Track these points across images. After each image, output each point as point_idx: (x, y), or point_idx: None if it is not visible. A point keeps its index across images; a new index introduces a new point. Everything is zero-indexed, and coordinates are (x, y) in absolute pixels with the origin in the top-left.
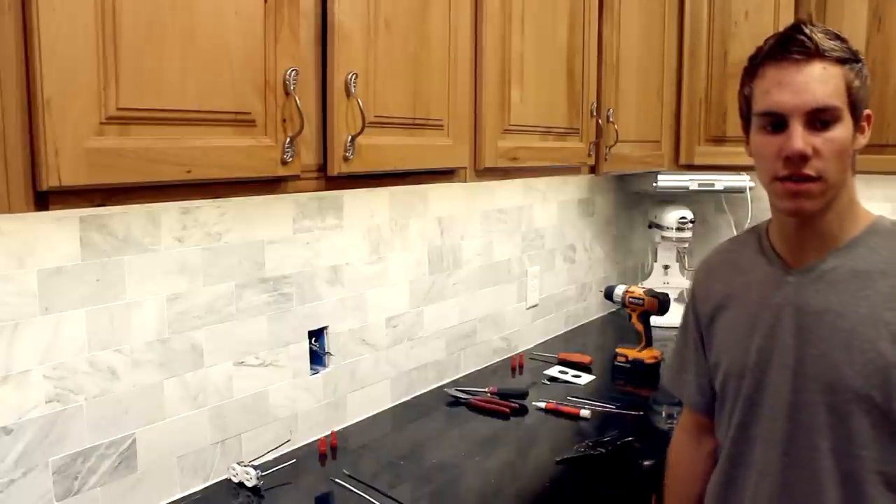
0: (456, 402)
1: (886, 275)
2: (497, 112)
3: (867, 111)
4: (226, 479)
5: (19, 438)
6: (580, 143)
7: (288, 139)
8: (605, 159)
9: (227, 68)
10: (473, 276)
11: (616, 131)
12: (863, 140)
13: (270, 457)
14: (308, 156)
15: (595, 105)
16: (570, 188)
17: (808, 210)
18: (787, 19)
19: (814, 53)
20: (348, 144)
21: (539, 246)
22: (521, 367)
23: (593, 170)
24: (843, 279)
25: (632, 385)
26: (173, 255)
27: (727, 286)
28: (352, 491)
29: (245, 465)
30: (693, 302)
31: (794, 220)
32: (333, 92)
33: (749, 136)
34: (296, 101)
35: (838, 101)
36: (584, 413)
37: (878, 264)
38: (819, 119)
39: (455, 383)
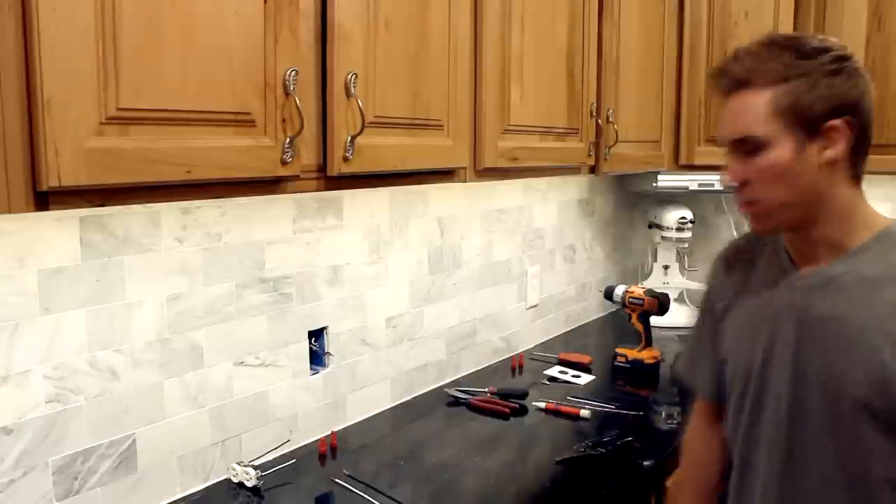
0: (456, 402)
1: (894, 282)
2: (497, 112)
3: (832, 122)
4: (226, 479)
5: (19, 438)
6: (580, 143)
7: (288, 139)
8: (605, 159)
9: (226, 68)
10: (473, 276)
11: (616, 131)
12: (831, 152)
13: (270, 457)
14: (308, 156)
15: (595, 105)
16: (570, 188)
17: (762, 229)
18: (787, 19)
19: (737, 86)
20: (348, 145)
21: (539, 246)
22: (521, 367)
23: (593, 170)
24: (850, 286)
25: (631, 385)
26: (173, 255)
27: (741, 283)
28: (352, 491)
29: (245, 465)
30: (709, 294)
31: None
32: (333, 92)
33: None
34: (295, 102)
35: (761, 128)
36: (584, 413)
37: (886, 271)
38: (746, 147)
39: (455, 383)
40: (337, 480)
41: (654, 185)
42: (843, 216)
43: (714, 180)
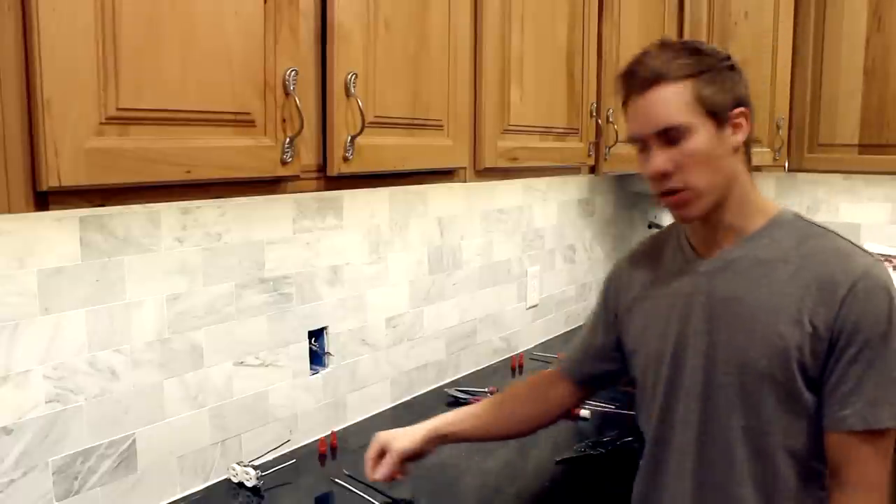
0: (456, 402)
1: (786, 262)
2: (497, 112)
3: (738, 109)
4: (226, 479)
5: (19, 438)
6: (580, 143)
7: (288, 139)
8: (605, 159)
9: (226, 69)
10: (473, 276)
11: (616, 131)
12: (740, 136)
13: (270, 457)
14: (308, 156)
15: (595, 105)
16: (570, 188)
17: (692, 216)
18: (787, 19)
19: (653, 81)
20: (348, 145)
21: (539, 246)
22: (520, 367)
23: (593, 170)
24: (747, 268)
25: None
26: (173, 255)
27: (647, 277)
28: (352, 491)
29: (245, 465)
30: (613, 289)
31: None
32: (333, 92)
33: None
34: (295, 102)
35: (684, 116)
36: (584, 413)
37: (779, 253)
38: (670, 136)
39: (455, 383)
40: (337, 480)
41: None
42: (742, 201)
43: None
